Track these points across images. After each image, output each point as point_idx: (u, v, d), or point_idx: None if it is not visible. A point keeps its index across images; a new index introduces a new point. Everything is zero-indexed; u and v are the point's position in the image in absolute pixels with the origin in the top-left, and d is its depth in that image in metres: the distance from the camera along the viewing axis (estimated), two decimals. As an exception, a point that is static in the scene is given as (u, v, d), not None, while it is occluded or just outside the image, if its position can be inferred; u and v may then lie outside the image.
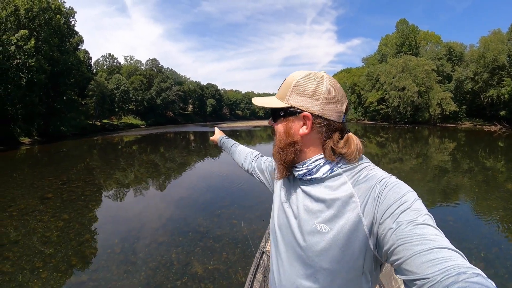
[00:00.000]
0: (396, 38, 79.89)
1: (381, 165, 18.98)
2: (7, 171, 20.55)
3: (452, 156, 23.17)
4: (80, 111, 64.62)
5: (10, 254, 7.67)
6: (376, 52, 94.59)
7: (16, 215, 10.73)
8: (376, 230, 1.07)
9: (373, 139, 37.99)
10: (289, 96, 1.28)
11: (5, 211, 11.18)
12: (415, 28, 79.77)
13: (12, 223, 9.89)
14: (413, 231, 0.92)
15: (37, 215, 10.78)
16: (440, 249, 0.85)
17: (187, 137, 50.63)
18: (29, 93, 40.73)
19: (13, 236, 8.85)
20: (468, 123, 60.43)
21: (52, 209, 11.64)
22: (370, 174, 1.19)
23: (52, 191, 14.10)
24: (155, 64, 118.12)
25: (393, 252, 0.96)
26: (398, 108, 68.06)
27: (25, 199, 12.80)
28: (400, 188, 1.08)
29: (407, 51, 75.03)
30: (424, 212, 0.99)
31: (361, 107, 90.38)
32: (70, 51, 55.30)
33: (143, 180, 16.96)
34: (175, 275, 6.45)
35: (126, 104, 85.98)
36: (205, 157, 25.89)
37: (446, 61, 67.37)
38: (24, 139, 41.68)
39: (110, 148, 35.73)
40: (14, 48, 37.83)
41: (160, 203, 12.43)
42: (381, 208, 1.06)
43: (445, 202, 11.46)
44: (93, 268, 6.96)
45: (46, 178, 17.12)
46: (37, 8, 43.14)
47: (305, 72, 1.30)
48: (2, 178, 17.88)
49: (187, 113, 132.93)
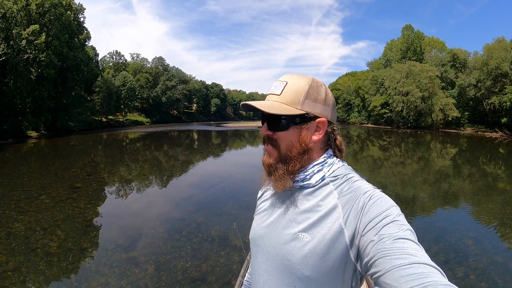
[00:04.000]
0: (401, 43, 79.37)
1: (384, 169, 19.55)
2: (24, 162, 21.55)
3: (454, 161, 23.25)
4: (87, 106, 65.41)
5: (54, 237, 8.28)
6: (381, 57, 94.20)
7: (50, 202, 11.38)
8: (357, 242, 1.08)
9: (376, 143, 38.24)
10: (303, 102, 1.24)
11: (37, 199, 11.83)
12: (421, 34, 79.26)
13: (49, 209, 10.55)
14: (394, 245, 0.93)
15: (72, 202, 11.47)
16: (420, 265, 0.86)
17: (192, 135, 51.05)
18: (39, 87, 41.45)
19: (51, 221, 9.49)
20: (470, 129, 60.21)
21: (85, 197, 12.42)
22: (354, 186, 1.20)
23: (80, 181, 14.90)
24: (161, 62, 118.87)
25: (373, 264, 0.96)
26: (402, 112, 67.82)
27: (55, 188, 13.49)
28: (384, 202, 1.10)
29: (412, 56, 74.65)
30: (406, 227, 1.00)
31: (365, 111, 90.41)
32: (79, 47, 56.15)
33: (170, 171, 17.93)
34: (218, 247, 7.30)
35: (132, 101, 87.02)
36: (209, 156, 26.38)
37: (450, 67, 67.30)
38: (32, 133, 42.39)
39: (121, 144, 36.51)
40: (25, 43, 38.42)
41: (187, 191, 13.40)
42: (364, 220, 1.07)
43: (446, 207, 11.61)
44: (141, 245, 7.73)
45: (69, 169, 17.98)
46: (48, 3, 43.86)
47: (303, 76, 1.30)
48: (23, 168, 18.86)
49: (191, 112, 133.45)
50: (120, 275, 6.23)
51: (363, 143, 38.12)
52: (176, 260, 6.92)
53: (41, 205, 11.02)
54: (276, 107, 1.23)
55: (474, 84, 58.72)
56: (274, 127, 1.27)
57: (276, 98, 1.27)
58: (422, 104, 63.58)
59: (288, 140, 1.26)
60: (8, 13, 37.29)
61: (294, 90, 1.25)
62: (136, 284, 5.93)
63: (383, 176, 17.34)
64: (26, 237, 8.20)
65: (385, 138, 45.34)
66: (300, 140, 1.26)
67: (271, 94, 1.30)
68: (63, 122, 50.17)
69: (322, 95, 1.29)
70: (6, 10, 36.96)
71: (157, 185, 15.32)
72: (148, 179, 16.38)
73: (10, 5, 37.85)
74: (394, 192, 13.51)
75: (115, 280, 6.05)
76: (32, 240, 8.03)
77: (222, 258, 7.01)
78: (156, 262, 6.80)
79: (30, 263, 6.80)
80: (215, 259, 6.96)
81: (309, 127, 1.27)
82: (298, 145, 1.26)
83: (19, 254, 7.21)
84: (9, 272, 6.42)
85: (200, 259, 6.96)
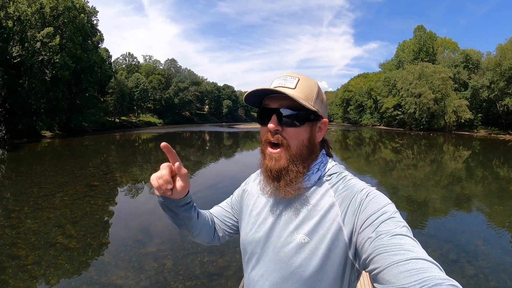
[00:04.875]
0: (414, 44, 78.46)
1: (396, 171, 19.55)
2: (39, 161, 22.05)
3: (466, 164, 23.14)
4: (100, 107, 66.01)
5: (73, 232, 8.52)
6: (393, 58, 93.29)
7: (68, 200, 11.65)
8: (355, 239, 1.08)
9: (388, 145, 38.17)
10: (315, 100, 1.24)
11: (55, 196, 12.10)
12: (433, 34, 78.23)
13: (67, 206, 10.80)
14: (391, 241, 0.93)
15: (90, 200, 11.76)
16: (418, 260, 0.86)
17: (203, 136, 51.40)
18: (53, 88, 42.09)
19: (70, 217, 9.73)
20: (483, 131, 59.61)
21: (102, 194, 12.75)
22: (350, 184, 1.21)
23: (96, 180, 15.26)
24: (173, 64, 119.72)
25: (372, 261, 0.96)
26: (414, 114, 67.27)
27: (72, 186, 13.78)
28: (381, 200, 1.10)
29: (424, 57, 73.91)
30: (403, 224, 1.00)
31: (377, 113, 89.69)
32: (92, 49, 56.95)
33: None
34: (234, 244, 7.18)
35: (144, 102, 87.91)
36: (221, 157, 26.67)
37: (463, 68, 66.37)
38: (46, 133, 43.11)
39: (134, 144, 37.02)
40: (39, 45, 38.94)
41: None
42: (361, 217, 1.07)
43: (457, 208, 11.60)
44: (159, 241, 7.95)
45: (86, 168, 18.40)
46: (62, 7, 44.56)
47: (307, 77, 1.29)
48: (38, 167, 19.27)
49: (203, 113, 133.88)
50: (139, 269, 6.39)
51: (376, 145, 37.95)
52: (193, 255, 7.06)
53: (59, 202, 11.26)
54: (298, 96, 1.17)
55: (487, 86, 58.26)
56: (287, 122, 1.21)
57: (291, 91, 1.19)
58: (434, 105, 63.08)
59: (300, 138, 1.23)
60: (23, 16, 37.92)
61: (308, 87, 1.24)
62: (155, 278, 6.08)
63: (396, 178, 17.35)
64: (45, 233, 8.42)
65: (397, 140, 45.20)
66: (311, 139, 1.26)
67: (282, 87, 1.22)
68: (77, 123, 50.88)
69: (324, 97, 1.31)
70: (21, 13, 37.59)
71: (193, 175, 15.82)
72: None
73: (25, 8, 38.41)
74: (406, 194, 13.58)
75: (134, 274, 6.20)
76: (51, 235, 8.24)
77: (238, 253, 6.90)
78: (174, 257, 6.96)
79: (50, 257, 6.99)
80: (231, 254, 7.08)
81: (317, 125, 1.28)
82: (309, 144, 1.25)
83: (39, 249, 7.42)
84: (29, 265, 6.61)
85: (216, 254, 7.09)
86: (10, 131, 36.35)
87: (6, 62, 35.75)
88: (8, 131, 36.08)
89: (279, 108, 1.21)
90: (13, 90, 37.03)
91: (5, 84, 35.73)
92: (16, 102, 37.62)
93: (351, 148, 34.79)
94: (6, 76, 35.61)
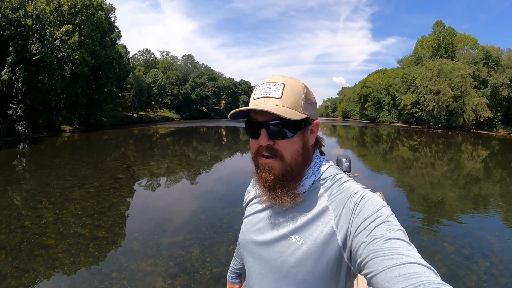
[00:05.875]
0: (432, 40, 76.63)
1: (413, 170, 19.33)
2: (62, 154, 22.75)
3: (484, 164, 22.85)
4: (118, 103, 66.70)
5: (101, 222, 8.81)
6: (412, 54, 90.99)
7: (94, 191, 11.99)
8: (350, 244, 1.07)
9: (406, 143, 37.80)
10: (304, 105, 1.19)
11: (81, 188, 12.45)
12: (452, 30, 76.13)
13: (93, 198, 11.13)
14: (385, 246, 0.93)
15: (116, 192, 12.11)
16: (412, 264, 0.86)
17: (220, 131, 51.79)
18: (73, 84, 43.04)
19: (97, 208, 10.05)
20: (502, 131, 58.51)
21: (127, 187, 13.15)
22: (344, 187, 1.19)
23: (120, 172, 15.67)
24: (190, 60, 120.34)
25: (366, 265, 0.96)
26: (433, 112, 65.98)
27: (97, 178, 14.16)
28: (375, 203, 1.08)
29: (443, 54, 72.42)
30: (397, 227, 0.99)
31: (395, 109, 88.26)
32: (111, 46, 58.00)
33: (207, 164, 18.59)
34: None
35: (162, 97, 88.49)
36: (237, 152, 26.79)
37: (482, 65, 64.83)
38: (66, 127, 44.12)
39: (154, 139, 37.39)
40: (58, 42, 39.63)
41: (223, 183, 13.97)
42: (356, 222, 1.06)
43: (473, 207, 11.54)
44: (186, 231, 8.23)
45: (109, 161, 18.98)
46: (80, 4, 45.56)
47: (294, 78, 1.26)
48: (61, 160, 19.94)
49: (220, 109, 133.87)
50: (168, 257, 6.64)
51: (393, 143, 37.76)
52: (219, 244, 7.28)
53: (86, 194, 11.59)
54: (282, 111, 1.11)
55: (507, 84, 57.17)
56: (278, 135, 1.17)
57: (277, 101, 1.15)
58: (453, 103, 61.74)
59: (293, 148, 1.18)
60: (42, 14, 38.51)
61: (295, 93, 1.18)
62: (183, 265, 6.33)
63: (412, 176, 17.31)
64: (73, 223, 8.71)
65: (415, 138, 44.70)
66: (304, 145, 1.22)
67: (267, 97, 1.17)
68: (96, 117, 51.67)
69: (313, 97, 1.27)
70: (40, 11, 38.20)
71: (197, 176, 15.97)
72: (187, 172, 17.05)
73: (43, 6, 39.09)
74: (424, 192, 13.62)
75: (163, 261, 6.45)
76: (80, 225, 8.53)
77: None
78: (200, 245, 7.20)
79: (80, 246, 7.25)
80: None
81: (308, 130, 1.23)
82: (303, 151, 1.21)
83: (68, 238, 7.70)
84: (59, 254, 6.88)
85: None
86: (30, 125, 37.44)
87: (26, 59, 36.47)
88: (29, 125, 37.21)
89: (268, 121, 1.16)
90: (33, 86, 37.74)
91: (26, 80, 36.46)
92: (36, 97, 38.39)
93: (368, 145, 34.72)
94: (26, 72, 36.31)
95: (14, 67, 36.17)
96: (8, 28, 35.92)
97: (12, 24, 36.02)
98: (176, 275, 6.06)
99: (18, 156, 22.65)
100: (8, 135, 34.64)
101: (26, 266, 6.34)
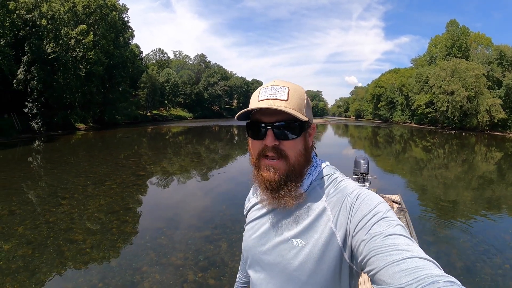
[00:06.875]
0: (446, 39, 75.34)
1: (426, 171, 19.28)
2: (79, 152, 23.04)
3: (498, 166, 22.61)
4: (132, 101, 67.19)
5: (127, 218, 9.01)
6: (425, 53, 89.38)
7: (117, 188, 12.19)
8: (350, 243, 1.08)
9: (419, 143, 37.56)
10: (305, 108, 1.23)
11: (103, 184, 12.66)
12: (466, 29, 74.90)
13: (117, 194, 11.33)
14: (385, 242, 0.93)
15: (139, 188, 12.36)
16: (413, 259, 0.86)
17: (232, 131, 51.93)
18: (88, 83, 43.65)
19: (122, 204, 10.25)
20: (516, 132, 57.27)
21: (150, 183, 13.38)
22: (340, 186, 1.20)
23: (141, 170, 16.04)
24: (203, 59, 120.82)
25: (367, 263, 0.96)
26: (446, 112, 64.99)
27: (118, 175, 14.42)
28: (372, 200, 1.09)
29: (457, 53, 71.27)
30: (396, 222, 1.00)
31: (409, 110, 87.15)
32: (124, 45, 58.61)
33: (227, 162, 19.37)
34: None
35: (175, 96, 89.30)
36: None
37: (497, 65, 63.70)
38: (80, 125, 44.76)
39: (167, 137, 37.68)
40: (73, 42, 40.11)
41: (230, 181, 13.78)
42: (354, 220, 1.07)
43: (487, 207, 11.57)
44: (212, 226, 8.40)
45: (129, 159, 19.32)
46: (94, 5, 46.11)
47: (294, 83, 1.28)
48: (79, 158, 20.25)
49: (232, 108, 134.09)
50: (197, 251, 6.79)
51: (406, 144, 37.51)
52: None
53: (109, 190, 11.79)
54: (293, 113, 1.15)
55: (522, 84, 55.80)
56: (285, 136, 1.20)
57: (284, 103, 1.18)
58: (467, 104, 60.81)
59: (297, 149, 1.22)
60: (56, 14, 38.97)
61: (299, 96, 1.22)
62: (212, 259, 6.48)
63: (426, 177, 17.27)
64: (99, 218, 8.88)
65: (428, 138, 44.31)
66: (306, 146, 1.25)
67: (274, 99, 1.19)
68: (110, 116, 52.33)
69: (309, 101, 1.30)
70: (55, 12, 38.67)
71: (217, 174, 16.12)
72: (207, 169, 17.21)
73: (58, 7, 39.55)
74: (437, 191, 13.66)
75: (192, 255, 6.60)
76: (106, 221, 8.71)
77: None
78: (228, 240, 7.36)
79: (108, 241, 7.41)
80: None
81: (308, 132, 1.27)
82: (305, 151, 1.25)
83: (95, 233, 7.85)
84: (88, 249, 7.01)
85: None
86: (45, 123, 37.86)
87: (41, 59, 36.91)
88: (44, 123, 37.61)
89: (275, 122, 1.19)
90: (49, 85, 38.27)
91: (41, 79, 36.89)
92: (52, 96, 38.96)
93: (381, 146, 34.59)
94: (41, 71, 36.77)
95: (29, 66, 36.56)
96: (23, 28, 36.41)
97: (27, 24, 36.52)
98: (206, 268, 6.19)
99: (33, 153, 22.96)
100: (24, 132, 35.09)
101: (55, 261, 6.45)
